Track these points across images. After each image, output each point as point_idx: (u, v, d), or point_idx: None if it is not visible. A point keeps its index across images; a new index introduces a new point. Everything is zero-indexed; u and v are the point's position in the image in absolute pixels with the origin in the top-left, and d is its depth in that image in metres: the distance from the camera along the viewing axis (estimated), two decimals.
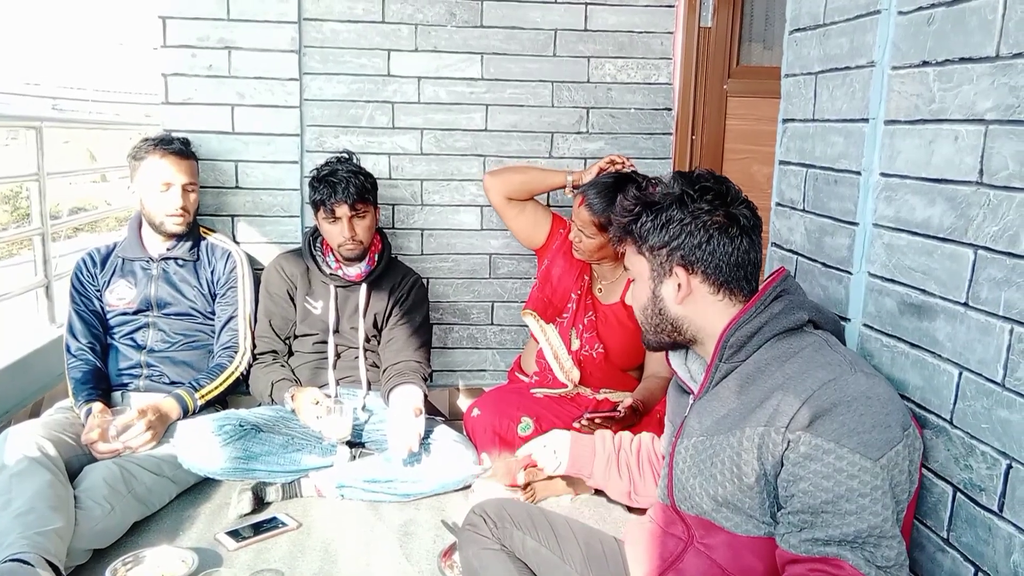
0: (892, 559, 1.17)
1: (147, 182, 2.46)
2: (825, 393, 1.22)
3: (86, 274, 2.52)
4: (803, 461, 1.21)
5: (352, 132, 2.89)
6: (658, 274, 1.40)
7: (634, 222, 1.41)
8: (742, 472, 1.29)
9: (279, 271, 2.59)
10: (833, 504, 1.18)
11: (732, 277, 1.37)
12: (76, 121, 6.39)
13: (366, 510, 2.30)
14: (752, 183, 3.13)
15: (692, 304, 1.39)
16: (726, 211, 1.36)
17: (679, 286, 1.38)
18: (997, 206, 1.26)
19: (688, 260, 1.36)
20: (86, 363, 2.44)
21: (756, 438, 1.27)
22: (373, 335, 2.62)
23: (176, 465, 2.27)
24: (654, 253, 1.39)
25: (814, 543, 1.19)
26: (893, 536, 1.18)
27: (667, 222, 1.36)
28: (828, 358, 1.29)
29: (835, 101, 1.71)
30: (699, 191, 1.36)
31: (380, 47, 2.84)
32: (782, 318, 1.35)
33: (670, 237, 1.36)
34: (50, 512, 1.83)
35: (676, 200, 1.37)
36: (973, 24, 1.32)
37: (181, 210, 2.47)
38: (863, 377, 1.25)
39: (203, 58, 2.76)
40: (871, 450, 1.18)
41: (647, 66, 2.96)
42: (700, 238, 1.35)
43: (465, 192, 2.98)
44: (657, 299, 1.41)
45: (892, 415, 1.22)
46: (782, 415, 1.25)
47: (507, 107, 2.93)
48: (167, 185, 2.46)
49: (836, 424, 1.20)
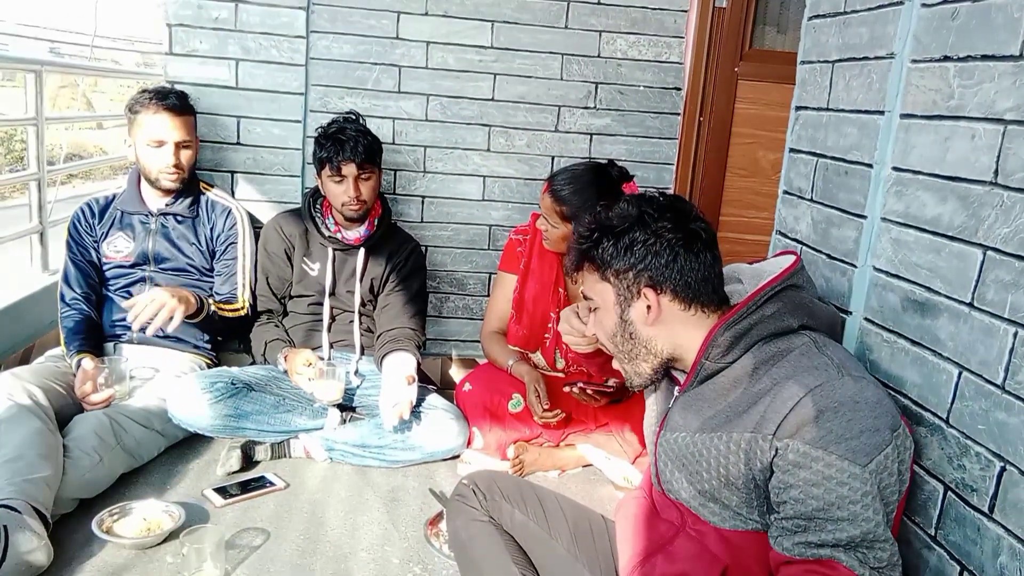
0: (885, 560, 1.18)
1: (142, 137, 2.42)
2: (813, 399, 1.22)
3: (84, 224, 2.49)
4: (792, 469, 1.21)
5: (357, 94, 2.85)
6: (625, 298, 1.37)
7: (594, 248, 1.38)
8: (729, 474, 1.30)
9: (278, 230, 2.57)
10: (825, 511, 1.18)
11: (701, 292, 1.35)
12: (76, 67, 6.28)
13: (354, 474, 2.31)
14: (756, 168, 3.11)
15: (663, 324, 1.37)
16: (687, 228, 1.34)
17: (648, 308, 1.35)
18: (1011, 208, 1.25)
19: (656, 280, 1.34)
20: (80, 313, 2.42)
21: (743, 443, 1.27)
22: (369, 300, 2.61)
23: (166, 419, 2.27)
24: (619, 277, 1.36)
25: (807, 546, 1.20)
26: (886, 539, 1.19)
27: (630, 244, 1.34)
28: (815, 362, 1.28)
29: (851, 91, 1.69)
30: (658, 210, 1.34)
31: (390, 8, 2.80)
32: (771, 322, 1.33)
33: (635, 259, 1.34)
34: (39, 460, 1.83)
35: (636, 221, 1.34)
36: (998, 21, 1.30)
37: (174, 167, 2.44)
38: (850, 381, 1.24)
39: (210, 10, 2.71)
40: (859, 456, 1.18)
41: (659, 44, 2.93)
42: (666, 257, 1.33)
43: (468, 161, 2.95)
44: (626, 324, 1.38)
45: (880, 418, 1.22)
46: (769, 422, 1.24)
47: (515, 77, 2.89)
48: (160, 142, 2.42)
49: (824, 431, 1.19)
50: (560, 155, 2.94)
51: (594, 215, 1.41)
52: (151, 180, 2.47)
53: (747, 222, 3.15)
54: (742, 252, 3.13)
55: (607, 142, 2.95)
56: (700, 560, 1.34)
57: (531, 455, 2.40)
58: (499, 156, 2.95)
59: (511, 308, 2.56)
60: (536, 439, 2.43)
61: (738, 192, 3.13)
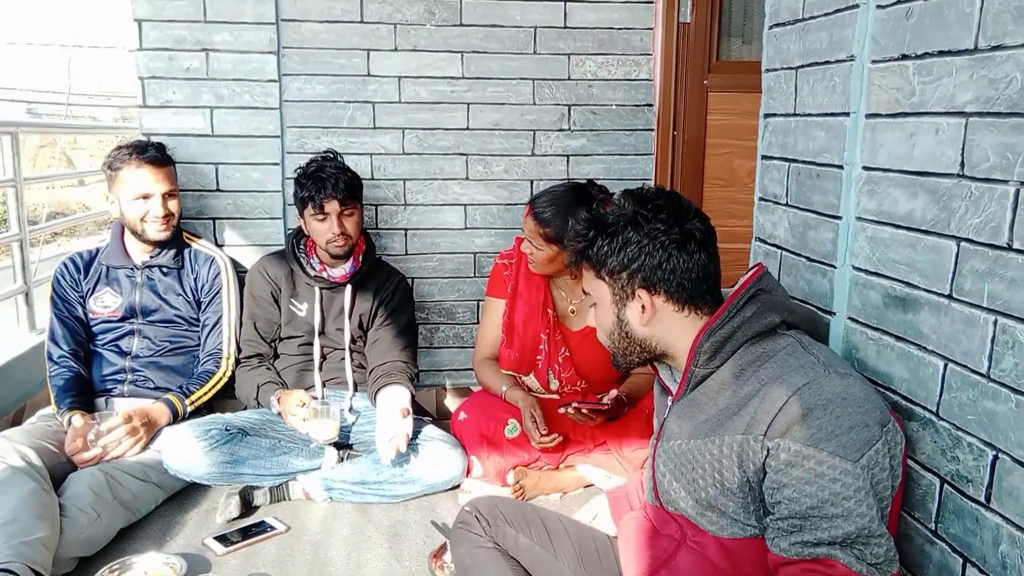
0: (882, 555, 1.19)
1: (126, 193, 2.42)
2: (801, 398, 1.22)
3: (68, 280, 2.49)
4: (784, 468, 1.21)
5: (333, 133, 2.87)
6: (620, 298, 1.37)
7: (589, 247, 1.38)
8: (724, 478, 1.30)
9: (263, 274, 2.57)
10: (819, 509, 1.19)
11: (695, 292, 1.35)
12: (52, 126, 6.29)
13: (355, 512, 2.29)
14: (734, 177, 3.14)
15: (658, 324, 1.37)
16: (681, 228, 1.34)
17: (643, 308, 1.36)
18: (979, 198, 1.27)
19: (649, 281, 1.34)
20: (69, 370, 2.41)
21: (736, 446, 1.28)
22: (359, 336, 2.61)
23: (162, 471, 2.26)
24: (614, 277, 1.37)
25: (804, 545, 1.20)
26: (882, 535, 1.20)
27: (624, 244, 1.34)
28: (802, 360, 1.29)
29: (816, 95, 1.72)
30: (652, 210, 1.34)
31: (359, 47, 2.83)
32: (754, 322, 1.34)
33: (628, 260, 1.34)
34: (35, 521, 1.81)
35: (630, 221, 1.34)
36: (951, 17, 1.32)
37: (164, 219, 2.44)
38: (837, 378, 1.25)
39: (181, 60, 2.73)
40: (850, 451, 1.19)
41: (627, 62, 2.96)
42: (659, 258, 1.33)
43: (448, 191, 2.97)
44: (623, 323, 1.39)
45: (869, 413, 1.22)
46: (759, 423, 1.25)
47: (489, 105, 2.92)
48: (146, 195, 2.42)
49: (814, 429, 1.20)
50: (538, 178, 2.97)
51: (591, 212, 1.41)
52: (139, 234, 2.46)
53: (728, 231, 3.14)
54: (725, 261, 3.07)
55: (584, 162, 2.98)
56: (701, 572, 1.34)
57: (531, 479, 2.39)
58: (478, 184, 2.97)
59: (501, 332, 2.56)
60: (535, 463, 2.42)
61: (717, 202, 3.15)
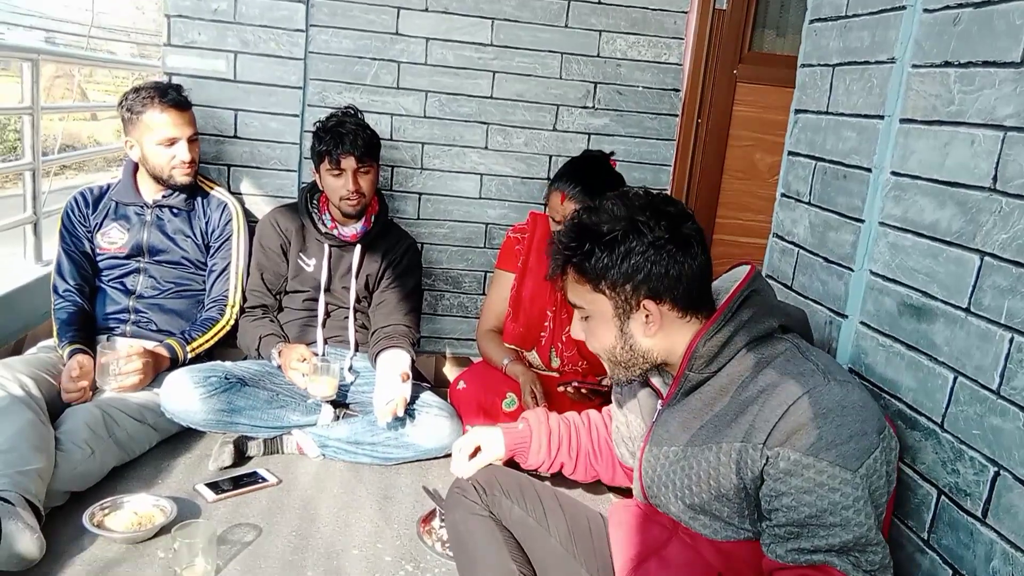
0: (877, 562, 1.19)
1: (150, 137, 2.38)
2: (801, 407, 1.21)
3: (77, 214, 2.48)
4: (784, 477, 1.21)
5: (356, 89, 2.84)
6: (624, 310, 1.32)
7: (585, 259, 1.31)
8: (720, 485, 1.29)
9: (274, 225, 2.56)
10: (817, 518, 1.19)
11: (700, 296, 1.33)
12: (72, 56, 6.24)
13: (347, 471, 2.30)
14: (754, 171, 3.12)
15: (663, 332, 1.34)
16: (681, 232, 1.30)
17: (647, 318, 1.32)
18: (1009, 214, 1.26)
19: (656, 291, 1.30)
20: (73, 304, 2.40)
21: (734, 454, 1.27)
22: (364, 296, 2.60)
23: (158, 413, 2.26)
24: (617, 289, 1.31)
25: (801, 552, 1.20)
26: (878, 542, 1.20)
27: (626, 254, 1.28)
28: (801, 367, 1.27)
29: (851, 95, 1.69)
30: (652, 216, 1.29)
31: (390, 4, 2.79)
32: (752, 326, 1.32)
33: (633, 270, 1.28)
34: (31, 452, 1.82)
35: (631, 229, 1.28)
36: (1000, 28, 1.30)
37: (190, 163, 2.42)
38: (837, 386, 1.24)
39: (209, 1, 2.69)
40: (850, 461, 1.18)
41: (658, 44, 2.93)
42: (666, 266, 1.28)
43: (466, 159, 2.94)
44: (626, 336, 1.34)
45: (868, 422, 1.22)
46: (759, 431, 1.24)
47: (514, 75, 2.89)
48: (172, 140, 2.39)
49: (813, 438, 1.19)
50: (558, 154, 2.94)
51: (577, 219, 1.34)
52: (163, 178, 2.43)
53: (743, 224, 3.15)
54: (737, 254, 3.13)
55: (605, 142, 2.95)
56: (694, 567, 1.35)
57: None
58: (496, 154, 2.95)
59: (508, 306, 2.55)
60: None
61: (734, 194, 3.13)
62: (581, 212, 1.35)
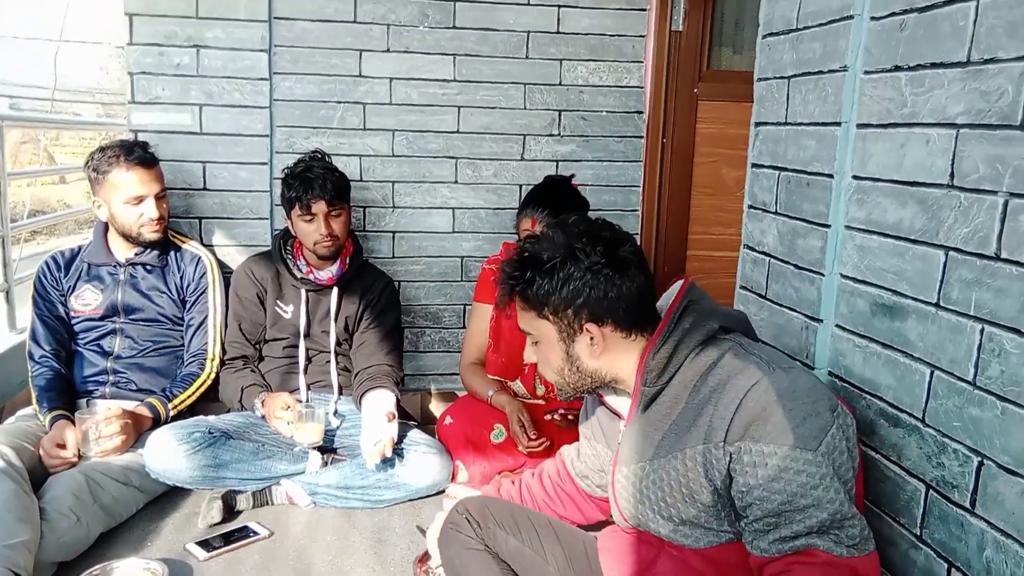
0: (857, 535, 1.22)
1: (117, 196, 2.38)
2: (752, 398, 1.25)
3: (50, 278, 2.46)
4: (750, 469, 1.23)
5: (323, 133, 2.86)
6: (568, 334, 1.37)
7: (528, 287, 1.36)
8: (692, 491, 1.32)
9: (249, 275, 2.55)
10: (790, 503, 1.21)
11: (640, 316, 1.37)
12: (36, 120, 6.23)
13: (339, 517, 2.28)
14: (722, 186, 3.16)
15: (608, 353, 1.38)
16: (618, 255, 1.34)
17: (591, 340, 1.36)
18: (968, 208, 1.29)
19: (596, 314, 1.34)
20: (50, 370, 2.38)
21: (699, 456, 1.29)
22: (344, 339, 2.59)
23: (143, 474, 2.23)
24: (559, 315, 1.36)
25: (783, 541, 1.22)
26: (853, 515, 1.22)
27: (566, 280, 1.32)
28: (746, 362, 1.31)
29: (808, 105, 1.73)
30: (589, 241, 1.33)
31: (351, 47, 2.82)
32: (695, 332, 1.35)
33: (572, 296, 1.33)
34: (16, 523, 1.78)
35: (569, 256, 1.33)
36: (945, 30, 1.34)
37: (157, 221, 2.42)
38: (782, 373, 1.28)
39: (171, 56, 2.71)
40: (808, 441, 1.21)
41: (618, 69, 2.98)
42: (604, 289, 1.33)
43: (437, 194, 2.96)
44: (573, 359, 1.39)
45: (819, 402, 1.25)
46: (717, 429, 1.27)
47: (479, 109, 2.92)
48: (139, 198, 2.39)
49: (770, 426, 1.22)
50: (527, 183, 2.96)
51: (519, 249, 1.39)
52: (131, 236, 2.43)
53: (715, 239, 3.18)
54: (712, 269, 3.17)
55: (573, 168, 2.98)
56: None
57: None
58: (467, 187, 2.97)
59: (488, 337, 2.55)
60: (520, 468, 2.41)
61: (705, 210, 3.17)
62: (523, 242, 1.40)
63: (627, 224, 3.07)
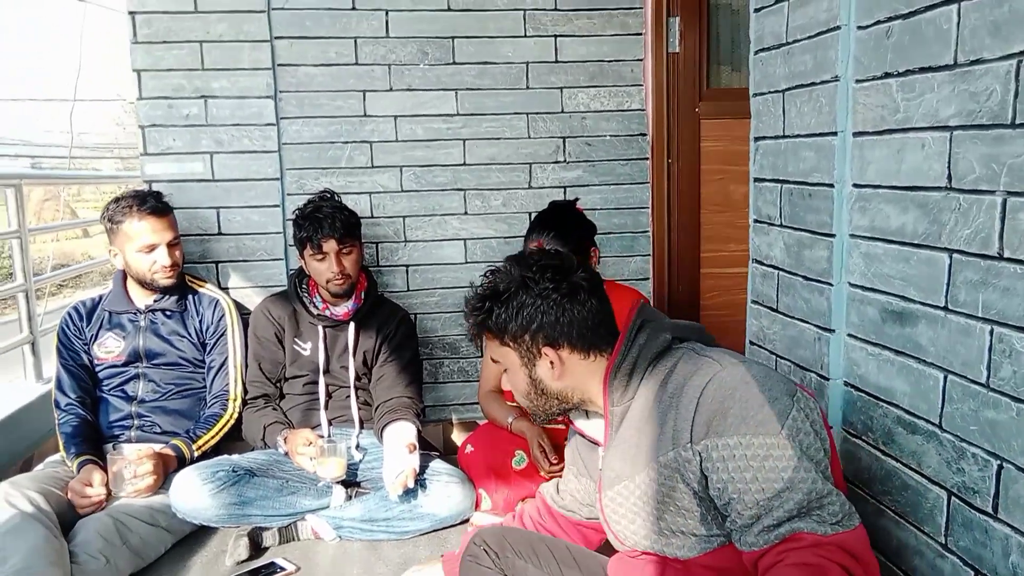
0: (838, 512, 1.22)
1: (131, 246, 2.44)
2: (708, 396, 1.29)
3: (72, 328, 2.51)
4: (720, 465, 1.26)
5: (332, 173, 2.91)
6: (528, 359, 1.44)
7: (488, 317, 1.44)
8: (675, 499, 1.34)
9: (266, 314, 2.59)
10: (765, 491, 1.22)
11: (596, 337, 1.42)
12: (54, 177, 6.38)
13: (365, 550, 2.28)
14: (730, 203, 3.16)
15: (569, 375, 1.44)
16: (568, 281, 1.41)
17: (551, 364, 1.42)
18: (967, 210, 1.29)
19: (551, 338, 1.41)
20: (76, 417, 2.42)
21: (671, 462, 1.32)
22: (364, 373, 2.62)
23: (170, 514, 2.25)
24: (518, 341, 1.43)
25: (768, 531, 1.22)
26: (830, 492, 1.23)
27: (520, 308, 1.40)
28: (698, 364, 1.35)
29: (803, 116, 1.75)
30: (538, 270, 1.41)
31: (355, 88, 2.88)
32: (650, 345, 1.41)
33: (527, 321, 1.40)
34: (47, 568, 1.82)
35: (520, 285, 1.41)
36: (930, 34, 1.36)
37: (171, 267, 2.47)
38: (733, 367, 1.32)
39: (180, 108, 2.78)
40: (770, 426, 1.23)
41: (619, 93, 3.01)
42: (555, 314, 1.40)
43: (447, 226, 2.99)
44: (536, 382, 1.45)
45: (775, 388, 1.27)
46: (682, 432, 1.30)
47: (484, 140, 2.96)
48: (151, 247, 2.44)
49: (730, 418, 1.26)
50: (536, 210, 2.98)
51: (482, 284, 1.47)
52: (147, 283, 2.48)
53: (727, 256, 3.18)
54: (727, 286, 3.16)
55: (580, 193, 3.01)
56: None
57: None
58: (477, 218, 3.00)
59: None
60: None
61: (715, 227, 3.18)
62: (482, 276, 1.49)
63: (639, 245, 3.09)
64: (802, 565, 1.17)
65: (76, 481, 2.20)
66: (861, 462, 1.64)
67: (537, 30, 2.93)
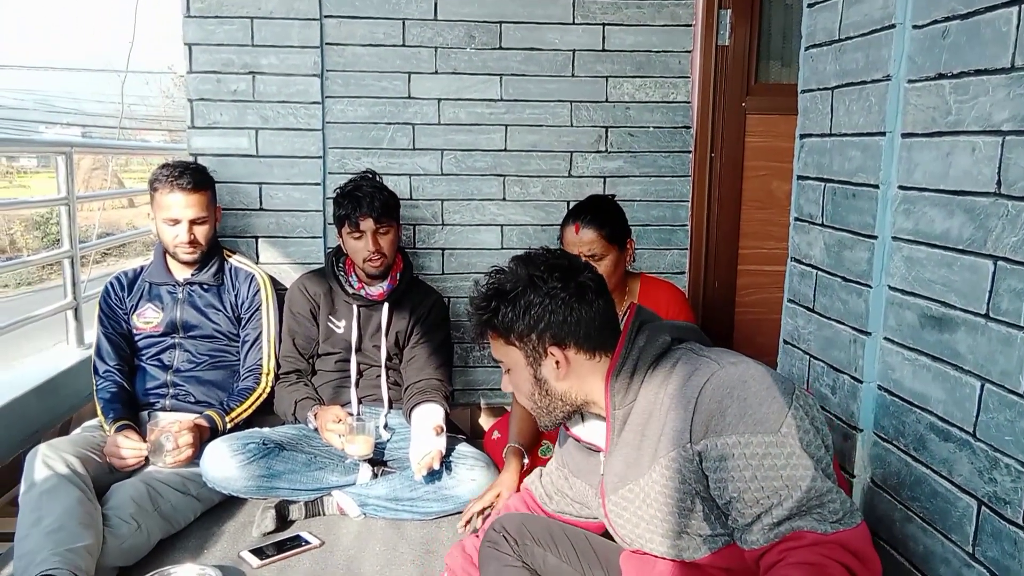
0: (839, 510, 1.21)
1: (160, 214, 2.50)
2: (706, 396, 1.28)
3: (114, 297, 2.57)
4: (720, 464, 1.25)
5: (373, 154, 2.93)
6: (534, 358, 1.43)
7: (494, 317, 1.43)
8: (679, 500, 1.34)
9: (302, 291, 2.63)
10: (764, 490, 1.21)
11: (602, 337, 1.42)
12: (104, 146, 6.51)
13: (388, 528, 2.31)
14: (772, 200, 3.12)
15: (574, 375, 1.43)
16: (575, 281, 1.41)
17: (557, 363, 1.42)
18: (1016, 216, 1.26)
19: (558, 337, 1.41)
20: (114, 384, 2.48)
21: (672, 463, 1.32)
22: (395, 354, 2.64)
23: (201, 483, 2.30)
24: (524, 340, 1.42)
25: (769, 529, 1.22)
26: (830, 490, 1.21)
27: (527, 307, 1.40)
28: (696, 364, 1.35)
29: (852, 115, 1.72)
30: (546, 270, 1.41)
31: (401, 70, 2.89)
32: (650, 348, 1.41)
33: (535, 321, 1.40)
34: (80, 529, 1.86)
35: (528, 284, 1.41)
36: (988, 36, 1.32)
37: (189, 244, 2.50)
38: (731, 367, 1.31)
39: (228, 83, 2.82)
40: (768, 424, 1.23)
41: (665, 85, 2.98)
42: (563, 314, 1.40)
43: (485, 212, 3.00)
44: (541, 382, 1.45)
45: (772, 387, 1.27)
46: (682, 432, 1.30)
47: (526, 127, 2.96)
48: (174, 220, 2.48)
49: (728, 417, 1.25)
50: (575, 199, 2.97)
51: (486, 284, 1.47)
52: (170, 253, 2.54)
53: (766, 253, 3.15)
54: (764, 283, 3.13)
55: (621, 183, 2.99)
56: None
57: None
58: (515, 204, 3.00)
59: None
60: None
61: (755, 224, 3.14)
62: (487, 276, 1.48)
63: (676, 239, 3.07)
64: (803, 564, 1.16)
65: (111, 441, 2.26)
66: (891, 467, 1.62)
67: (585, 18, 2.91)
